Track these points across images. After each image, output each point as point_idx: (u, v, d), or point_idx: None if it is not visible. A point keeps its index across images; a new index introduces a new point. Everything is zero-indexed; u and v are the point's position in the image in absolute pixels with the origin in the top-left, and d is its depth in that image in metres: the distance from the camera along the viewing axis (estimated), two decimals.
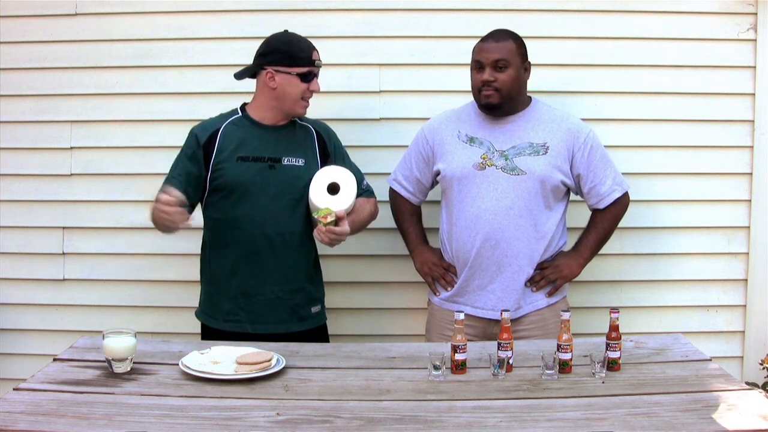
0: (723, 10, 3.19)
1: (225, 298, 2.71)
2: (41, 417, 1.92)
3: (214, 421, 1.93)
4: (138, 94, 3.25)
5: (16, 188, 3.29)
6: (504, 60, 2.71)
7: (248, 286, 2.68)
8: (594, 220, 2.91)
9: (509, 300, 2.76)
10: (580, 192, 2.87)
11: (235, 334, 2.65)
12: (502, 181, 2.74)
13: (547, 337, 2.71)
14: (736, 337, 3.30)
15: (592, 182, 2.81)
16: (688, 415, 1.96)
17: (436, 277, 2.91)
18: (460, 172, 2.78)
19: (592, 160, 2.80)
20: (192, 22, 3.22)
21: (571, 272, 2.85)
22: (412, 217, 3.02)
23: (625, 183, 2.88)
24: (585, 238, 2.90)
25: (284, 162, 2.69)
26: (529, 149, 2.75)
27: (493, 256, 2.74)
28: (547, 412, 2.00)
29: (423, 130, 2.94)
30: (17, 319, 3.32)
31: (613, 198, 2.84)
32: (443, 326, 2.84)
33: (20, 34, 3.23)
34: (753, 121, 3.21)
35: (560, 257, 2.85)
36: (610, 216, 2.88)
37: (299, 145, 2.75)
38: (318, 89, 2.72)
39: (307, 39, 2.72)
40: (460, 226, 2.78)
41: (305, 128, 2.80)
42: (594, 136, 2.82)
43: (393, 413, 1.99)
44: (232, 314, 2.70)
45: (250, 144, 2.70)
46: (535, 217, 2.75)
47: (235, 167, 2.67)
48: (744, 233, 3.27)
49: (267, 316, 2.69)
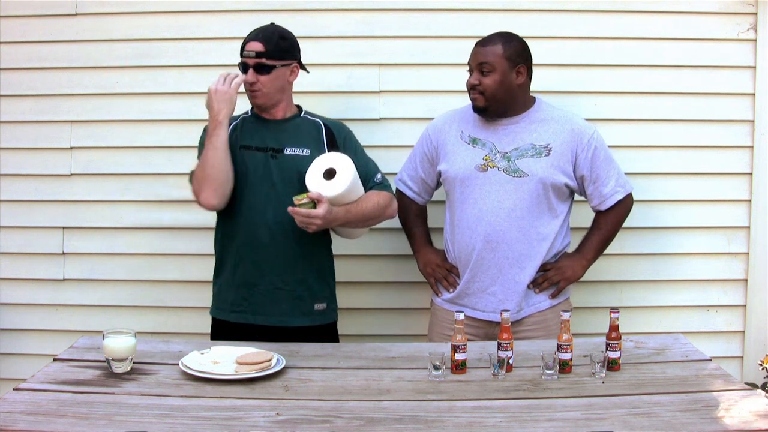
0: (723, 10, 3.19)
1: (231, 288, 2.73)
2: (41, 417, 1.92)
3: (214, 421, 1.93)
4: (138, 94, 3.25)
5: (16, 188, 3.29)
6: (487, 63, 2.71)
7: (250, 275, 2.69)
8: (597, 222, 2.91)
9: (510, 302, 2.75)
10: (583, 193, 2.87)
11: (240, 327, 2.67)
12: (503, 183, 2.73)
13: (549, 338, 2.70)
14: (736, 337, 3.30)
15: (595, 183, 2.81)
16: (688, 415, 1.96)
17: (438, 278, 2.91)
18: (463, 174, 2.78)
19: (596, 161, 2.79)
20: (192, 22, 3.22)
21: (574, 274, 2.84)
22: (418, 218, 3.01)
23: (629, 184, 2.87)
24: (588, 240, 2.90)
25: (287, 152, 2.71)
26: (531, 151, 2.75)
27: (494, 258, 2.74)
28: (547, 412, 2.00)
29: (427, 129, 2.94)
30: (17, 319, 3.32)
31: (615, 199, 2.84)
32: (445, 327, 2.84)
33: (20, 34, 3.23)
34: (753, 121, 3.21)
35: (563, 259, 2.85)
36: (613, 217, 2.88)
37: (305, 137, 2.75)
38: (251, 80, 2.66)
39: (267, 31, 2.70)
40: (462, 227, 2.78)
41: (314, 122, 2.80)
42: (598, 136, 2.81)
43: (393, 413, 1.99)
44: (236, 305, 2.71)
45: (255, 135, 2.74)
46: (537, 219, 2.75)
47: (238, 156, 2.69)
48: (744, 233, 3.27)
49: (267, 308, 2.69)
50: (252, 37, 2.69)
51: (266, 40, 2.67)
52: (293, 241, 2.68)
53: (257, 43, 2.67)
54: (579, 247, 2.91)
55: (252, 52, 2.66)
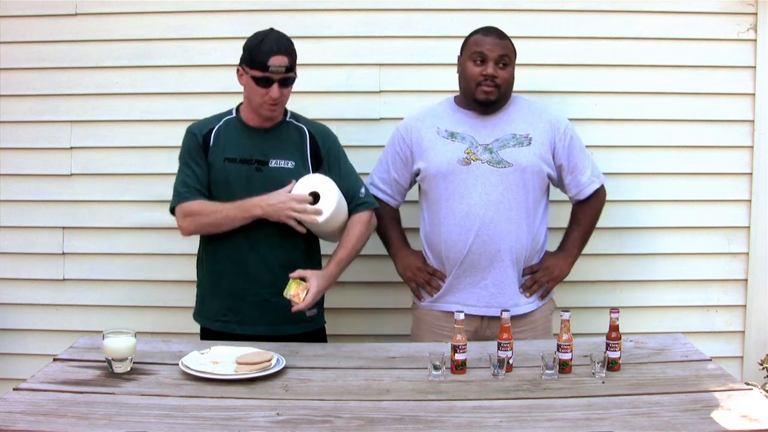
0: (723, 10, 3.19)
1: (215, 299, 2.69)
2: (41, 417, 1.92)
3: (214, 421, 1.93)
4: (138, 94, 3.25)
5: (16, 188, 3.29)
6: (507, 57, 2.71)
7: (235, 287, 2.64)
8: (576, 216, 2.91)
9: (503, 295, 2.73)
10: (561, 184, 2.87)
11: (225, 335, 2.63)
12: (489, 175, 2.70)
13: (536, 338, 2.72)
14: (736, 337, 3.30)
15: (572, 172, 2.82)
16: (688, 415, 1.96)
17: (420, 282, 2.84)
18: (445, 169, 2.72)
19: (573, 151, 2.80)
20: (192, 22, 3.22)
21: (561, 273, 2.85)
22: (392, 221, 2.95)
23: (602, 176, 2.88)
24: (570, 236, 2.90)
25: (271, 164, 2.63)
26: (513, 141, 2.73)
27: (486, 252, 2.71)
28: (547, 412, 2.00)
29: (398, 129, 2.87)
30: (17, 319, 3.32)
31: (593, 188, 2.85)
32: (434, 330, 2.79)
33: (20, 34, 3.23)
34: (753, 121, 3.21)
35: (549, 259, 2.85)
36: (591, 210, 2.89)
37: (290, 147, 2.67)
38: (276, 96, 2.54)
39: (284, 41, 2.56)
40: (449, 224, 2.73)
41: (299, 129, 2.71)
42: (572, 126, 2.83)
43: (393, 413, 1.99)
44: (221, 315, 2.67)
45: (239, 145, 2.65)
46: (524, 209, 2.73)
47: (222, 168, 2.63)
48: (744, 233, 3.27)
49: (256, 318, 2.64)
50: (275, 50, 2.52)
51: (288, 52, 2.55)
52: (279, 253, 2.62)
53: (283, 57, 2.53)
54: (562, 244, 2.91)
55: (282, 68, 2.52)
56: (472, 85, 2.72)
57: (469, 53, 2.74)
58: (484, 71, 2.69)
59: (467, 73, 2.74)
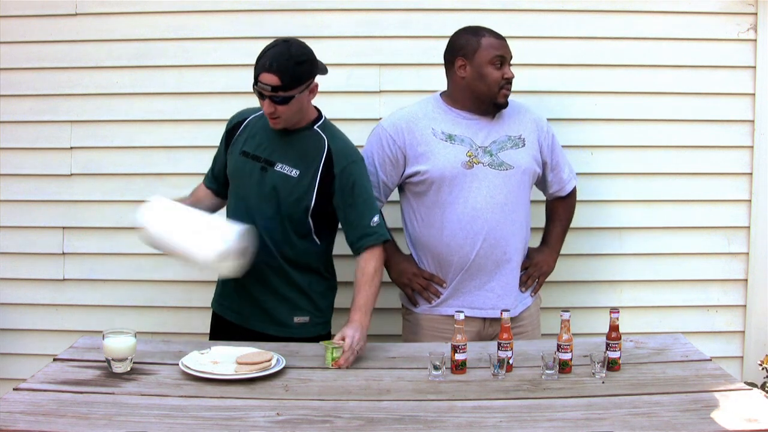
0: (723, 10, 3.19)
1: (221, 280, 2.74)
2: (41, 417, 1.92)
3: (214, 421, 1.93)
4: (138, 94, 3.25)
5: (16, 188, 3.29)
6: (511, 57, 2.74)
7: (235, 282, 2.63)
8: (556, 211, 2.96)
9: (508, 297, 2.74)
10: (542, 181, 2.90)
11: (232, 326, 2.66)
12: (492, 178, 2.69)
13: (535, 333, 2.80)
14: (736, 337, 3.30)
15: (554, 170, 2.86)
16: (688, 415, 1.96)
17: (417, 288, 2.79)
18: (450, 172, 2.68)
19: (555, 149, 2.86)
20: (192, 22, 3.21)
21: (549, 268, 2.91)
22: None
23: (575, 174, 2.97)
24: (552, 232, 2.95)
25: (276, 167, 2.58)
26: (509, 143, 2.74)
27: (493, 254, 2.71)
28: (547, 412, 2.00)
29: (384, 130, 2.76)
30: (17, 319, 3.32)
31: (573, 185, 2.92)
32: (436, 334, 2.75)
33: (20, 34, 3.22)
34: (753, 121, 3.21)
35: (535, 255, 2.88)
36: (569, 206, 2.96)
37: (301, 155, 2.58)
38: (269, 111, 2.47)
39: (282, 58, 2.41)
40: (454, 228, 2.69)
41: (320, 141, 2.59)
42: (550, 124, 2.88)
43: (393, 413, 1.99)
44: (221, 297, 2.74)
45: (257, 141, 2.63)
46: (524, 210, 2.77)
47: (236, 160, 2.65)
48: (744, 233, 3.27)
49: (244, 309, 2.66)
50: (266, 67, 2.40)
51: (281, 71, 2.40)
52: (272, 257, 2.59)
53: (271, 76, 2.40)
54: (545, 240, 2.95)
55: (267, 86, 2.41)
56: (495, 88, 2.67)
57: (487, 57, 2.66)
58: (506, 74, 2.68)
59: (488, 78, 2.67)
